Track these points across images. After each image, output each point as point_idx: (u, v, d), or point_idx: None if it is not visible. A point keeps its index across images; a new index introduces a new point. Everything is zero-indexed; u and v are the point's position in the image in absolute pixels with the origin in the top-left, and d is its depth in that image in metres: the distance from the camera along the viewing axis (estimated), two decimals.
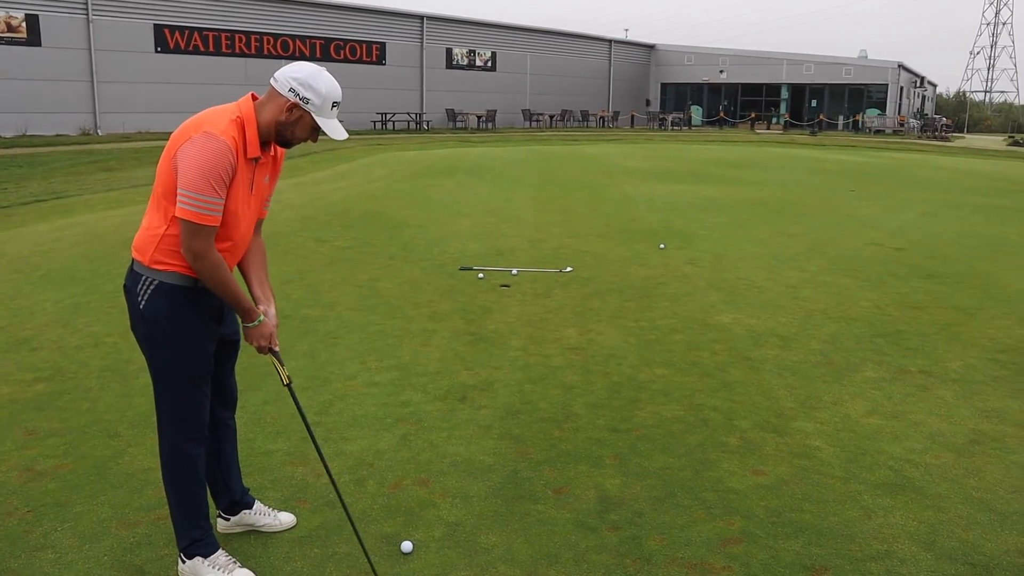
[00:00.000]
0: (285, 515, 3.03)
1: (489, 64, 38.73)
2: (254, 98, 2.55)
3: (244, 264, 2.75)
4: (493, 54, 38.80)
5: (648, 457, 3.63)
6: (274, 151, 2.64)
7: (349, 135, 2.63)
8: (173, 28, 26.94)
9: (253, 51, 29.21)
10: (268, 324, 2.65)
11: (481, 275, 7.10)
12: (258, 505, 3.00)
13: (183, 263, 2.49)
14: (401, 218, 10.13)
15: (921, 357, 5.13)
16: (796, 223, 10.55)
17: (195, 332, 2.57)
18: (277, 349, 2.71)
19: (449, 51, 36.78)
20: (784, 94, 46.70)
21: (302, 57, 29.96)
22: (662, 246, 8.63)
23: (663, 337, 5.45)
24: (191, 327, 2.55)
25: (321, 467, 3.45)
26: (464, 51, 37.50)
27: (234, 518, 2.95)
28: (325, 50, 31.51)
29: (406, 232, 9.15)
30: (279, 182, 2.81)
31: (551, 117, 39.09)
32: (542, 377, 4.65)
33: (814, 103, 45.36)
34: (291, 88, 2.48)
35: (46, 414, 4.00)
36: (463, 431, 3.88)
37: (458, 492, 3.28)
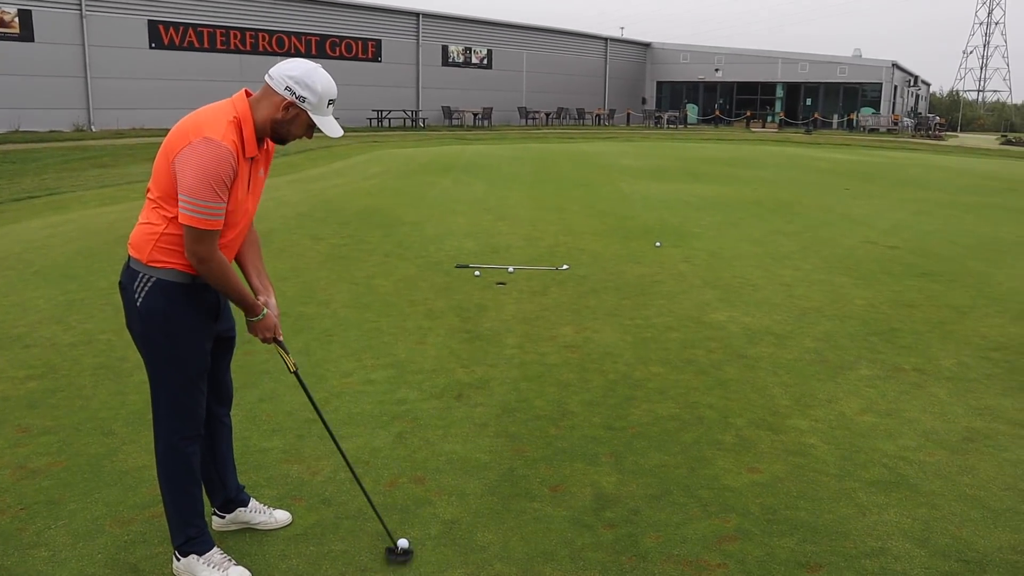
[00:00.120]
0: (280, 513, 3.02)
1: (485, 61, 38.69)
2: (248, 94, 2.54)
3: (240, 256, 2.75)
4: (489, 51, 38.75)
5: (644, 455, 3.63)
6: (267, 144, 2.63)
7: (345, 132, 2.63)
8: (167, 24, 26.83)
9: (248, 47, 29.10)
10: (272, 316, 2.67)
11: (477, 272, 7.10)
12: (253, 503, 2.99)
13: (180, 260, 2.49)
14: (397, 215, 10.11)
15: (915, 355, 5.15)
16: (791, 221, 10.57)
17: (192, 329, 2.57)
18: (281, 338, 2.73)
19: (445, 48, 36.72)
20: (779, 93, 46.79)
21: (297, 54, 29.88)
22: (658, 244, 8.64)
23: (659, 335, 5.46)
24: (188, 324, 2.55)
25: (317, 464, 3.46)
26: (460, 48, 37.44)
27: (229, 516, 2.95)
28: (320, 47, 31.42)
29: (402, 229, 9.14)
30: (273, 178, 2.81)
31: (547, 115, 39.05)
32: (538, 375, 4.65)
33: (809, 102, 45.48)
34: (287, 86, 2.47)
35: (39, 411, 3.99)
36: (459, 429, 3.88)
37: (454, 490, 3.29)
